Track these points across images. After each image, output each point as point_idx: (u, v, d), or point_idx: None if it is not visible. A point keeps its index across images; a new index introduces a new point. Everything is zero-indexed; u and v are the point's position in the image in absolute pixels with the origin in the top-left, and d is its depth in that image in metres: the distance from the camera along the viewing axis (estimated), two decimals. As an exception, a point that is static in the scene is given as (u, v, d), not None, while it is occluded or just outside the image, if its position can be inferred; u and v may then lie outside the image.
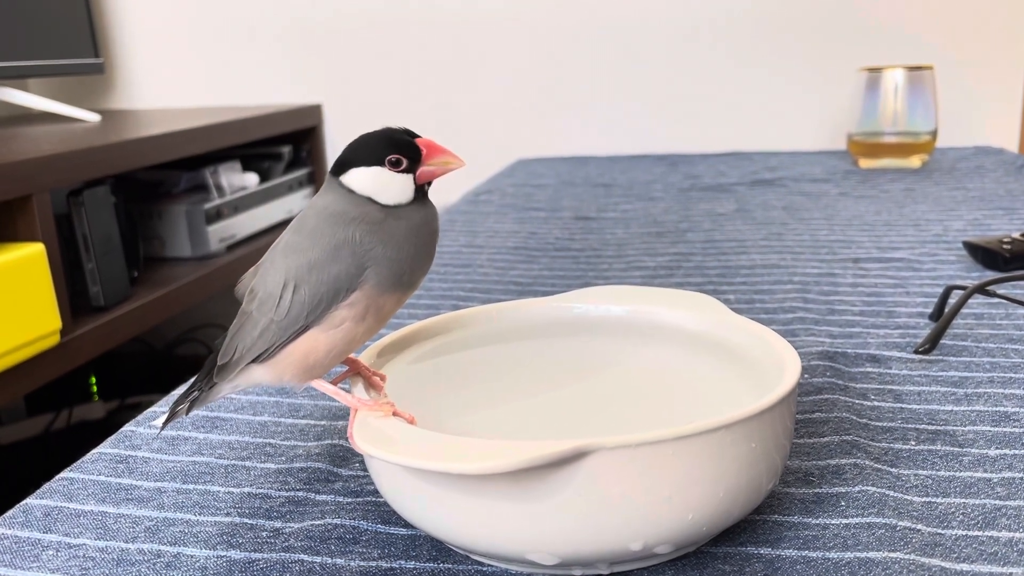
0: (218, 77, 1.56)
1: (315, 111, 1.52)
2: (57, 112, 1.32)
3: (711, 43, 1.41)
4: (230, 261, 1.22)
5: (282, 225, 1.41)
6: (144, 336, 1.53)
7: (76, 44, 1.38)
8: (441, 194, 1.67)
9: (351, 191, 0.34)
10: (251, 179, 1.31)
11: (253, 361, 0.35)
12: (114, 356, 1.45)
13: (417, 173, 0.35)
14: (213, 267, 1.18)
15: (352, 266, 0.33)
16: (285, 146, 1.45)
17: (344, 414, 0.47)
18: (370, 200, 0.34)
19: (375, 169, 0.34)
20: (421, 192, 0.35)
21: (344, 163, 0.35)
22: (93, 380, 1.41)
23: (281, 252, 0.34)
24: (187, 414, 0.37)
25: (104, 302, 0.99)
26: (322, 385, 0.35)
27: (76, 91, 1.61)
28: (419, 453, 0.30)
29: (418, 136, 0.35)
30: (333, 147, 1.56)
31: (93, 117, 1.32)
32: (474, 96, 1.50)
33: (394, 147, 0.34)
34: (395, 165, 0.34)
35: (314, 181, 1.53)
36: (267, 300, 0.34)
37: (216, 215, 1.21)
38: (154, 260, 1.19)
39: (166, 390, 0.70)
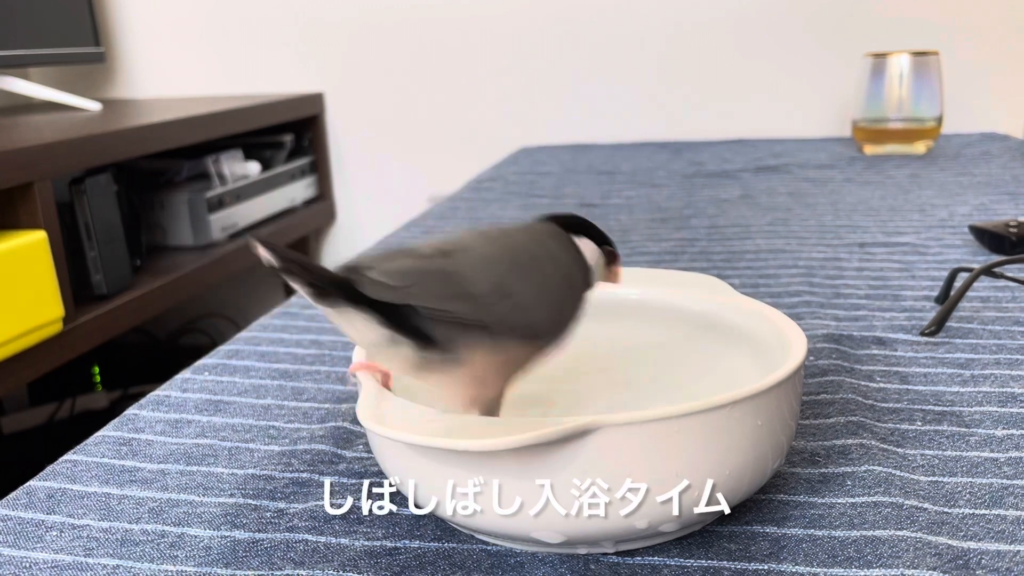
0: (219, 66, 1.56)
1: (317, 100, 1.51)
2: (58, 101, 1.31)
3: (715, 30, 1.40)
4: (232, 250, 1.22)
5: (284, 214, 1.41)
6: (147, 326, 1.53)
7: (77, 33, 1.38)
8: (443, 182, 1.66)
9: (579, 253, 0.35)
10: (253, 168, 1.31)
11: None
12: (117, 346, 1.45)
13: (611, 271, 0.37)
14: (215, 256, 1.18)
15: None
16: (287, 135, 1.44)
17: (348, 398, 0.47)
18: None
19: (598, 250, 0.36)
20: None
21: (579, 227, 0.36)
22: (96, 370, 1.41)
23: (509, 265, 0.32)
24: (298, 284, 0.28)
25: (106, 290, 0.99)
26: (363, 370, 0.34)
27: (77, 80, 1.61)
28: (424, 431, 0.29)
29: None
30: (335, 136, 1.55)
31: (94, 106, 1.32)
32: (477, 84, 1.49)
33: (610, 244, 0.37)
34: (609, 258, 0.36)
35: (316, 170, 1.53)
36: (489, 294, 0.31)
37: (218, 204, 1.21)
38: (156, 249, 1.19)
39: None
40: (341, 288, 0.29)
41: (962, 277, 0.56)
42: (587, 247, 0.35)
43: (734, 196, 0.95)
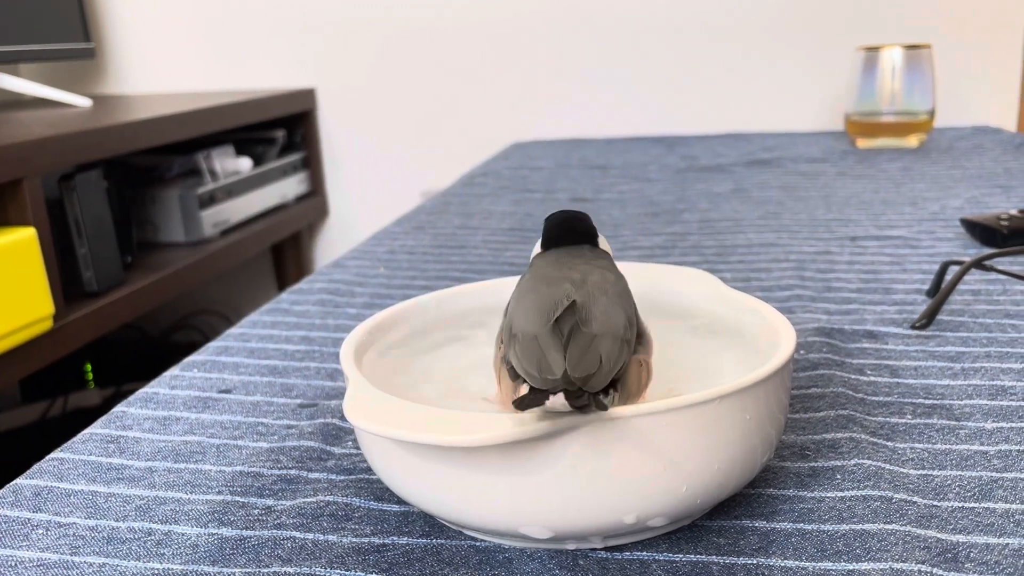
0: (210, 61, 1.55)
1: (308, 95, 1.51)
2: (48, 97, 1.31)
3: (707, 24, 1.40)
4: (224, 246, 1.21)
5: (276, 210, 1.41)
6: (139, 323, 1.52)
7: (67, 29, 1.37)
8: (436, 177, 1.66)
9: (608, 253, 0.38)
10: (245, 163, 1.31)
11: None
12: (109, 343, 1.45)
13: None
14: (207, 252, 1.17)
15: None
16: (279, 130, 1.44)
17: (337, 394, 0.47)
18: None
19: (602, 236, 0.39)
20: None
21: (592, 233, 0.38)
22: (88, 368, 1.41)
23: (614, 294, 0.34)
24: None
25: (97, 287, 0.98)
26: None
27: (67, 76, 1.60)
28: (410, 426, 0.29)
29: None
30: (327, 131, 1.55)
31: (84, 102, 1.31)
32: (469, 78, 1.49)
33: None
34: None
35: (308, 165, 1.52)
36: (619, 327, 0.32)
37: (209, 200, 1.20)
38: (147, 245, 1.19)
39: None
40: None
41: (953, 270, 0.56)
42: (603, 243, 0.38)
43: (726, 190, 0.95)
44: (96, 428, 0.44)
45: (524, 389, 0.30)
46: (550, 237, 0.38)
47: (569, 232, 0.37)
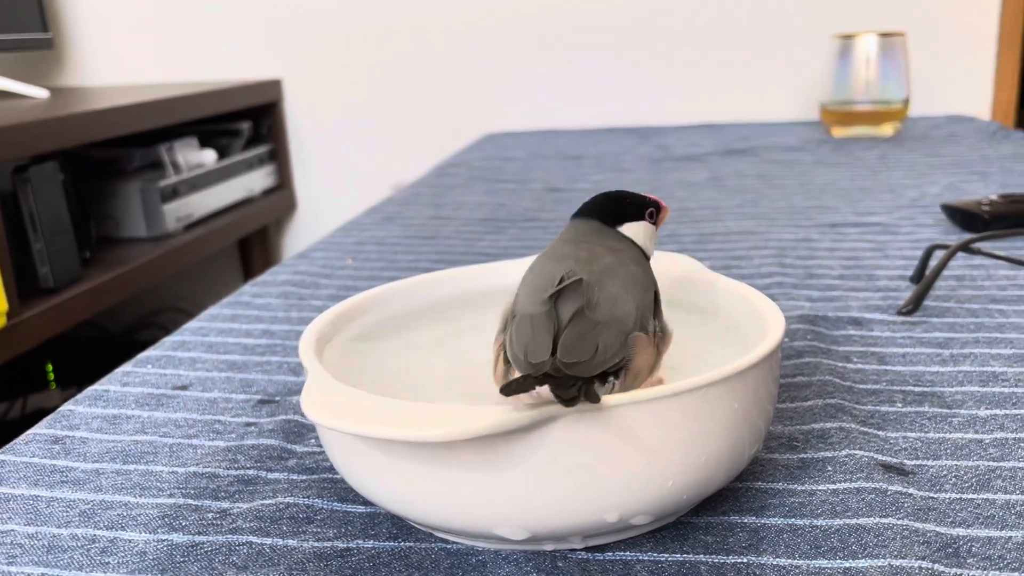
0: (173, 52, 1.51)
1: (275, 86, 1.47)
2: (3, 88, 1.26)
3: (680, 14, 1.38)
4: (188, 241, 1.18)
5: (242, 204, 1.37)
6: (101, 321, 1.48)
7: (23, 17, 1.32)
8: (407, 169, 1.63)
9: (632, 241, 0.35)
10: (209, 156, 1.27)
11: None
12: (71, 342, 1.41)
13: (659, 219, 0.36)
14: (170, 247, 1.14)
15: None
16: (244, 122, 1.40)
17: (299, 389, 0.44)
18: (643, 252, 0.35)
19: (644, 224, 0.35)
20: None
21: (618, 216, 0.35)
22: (50, 368, 1.36)
23: (627, 281, 0.32)
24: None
25: (54, 283, 0.95)
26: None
27: (24, 67, 1.55)
28: (373, 420, 0.27)
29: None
30: (294, 123, 1.51)
31: (41, 93, 1.27)
32: (441, 69, 1.46)
33: (650, 207, 0.36)
34: (651, 217, 0.36)
35: (275, 158, 1.49)
36: (625, 318, 0.31)
37: (172, 193, 1.17)
38: (108, 240, 1.15)
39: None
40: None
41: (938, 255, 0.54)
42: (632, 230, 0.35)
43: (702, 179, 0.93)
44: (40, 428, 0.41)
45: (516, 373, 0.28)
46: (583, 209, 0.36)
47: (598, 208, 0.35)
